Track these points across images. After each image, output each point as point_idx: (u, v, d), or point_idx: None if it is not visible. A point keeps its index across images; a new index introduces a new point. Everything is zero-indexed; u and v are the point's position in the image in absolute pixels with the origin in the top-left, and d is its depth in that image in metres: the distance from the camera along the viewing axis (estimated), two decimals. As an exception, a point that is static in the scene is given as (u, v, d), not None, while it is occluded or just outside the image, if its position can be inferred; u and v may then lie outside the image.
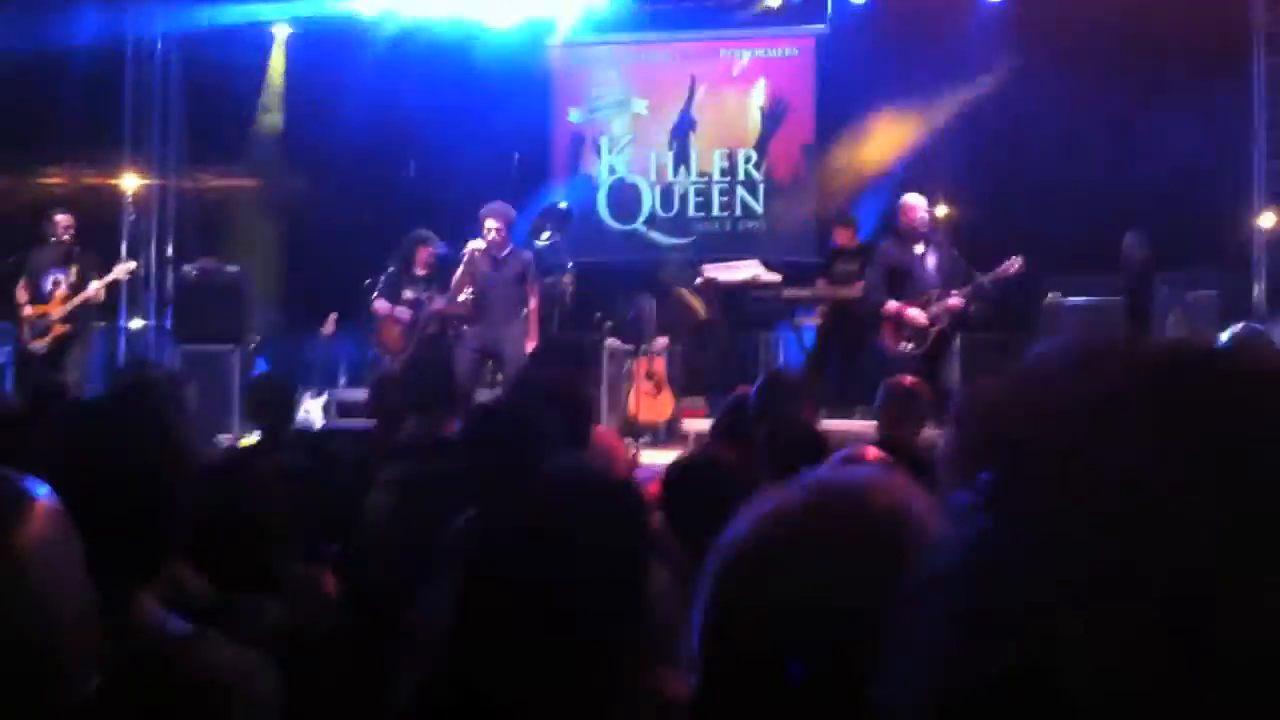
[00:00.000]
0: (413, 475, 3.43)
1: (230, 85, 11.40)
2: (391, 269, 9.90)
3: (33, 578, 1.33)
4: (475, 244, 8.63)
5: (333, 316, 10.62)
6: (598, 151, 12.65)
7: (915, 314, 8.68)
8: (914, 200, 8.80)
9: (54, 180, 10.57)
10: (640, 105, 12.59)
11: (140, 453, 1.92)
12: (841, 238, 10.57)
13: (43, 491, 1.41)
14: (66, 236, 9.25)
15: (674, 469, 3.39)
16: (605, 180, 12.63)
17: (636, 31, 12.35)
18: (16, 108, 9.99)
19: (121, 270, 9.68)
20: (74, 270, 9.19)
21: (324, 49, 11.85)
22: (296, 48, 11.96)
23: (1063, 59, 10.07)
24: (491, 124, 11.37)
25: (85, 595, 1.42)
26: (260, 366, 10.07)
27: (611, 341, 10.03)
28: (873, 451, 3.32)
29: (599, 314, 10.64)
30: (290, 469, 3.27)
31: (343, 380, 10.68)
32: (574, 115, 12.71)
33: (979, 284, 8.60)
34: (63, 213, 9.30)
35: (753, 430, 4.27)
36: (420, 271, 9.75)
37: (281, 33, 11.86)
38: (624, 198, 12.59)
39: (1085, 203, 10.28)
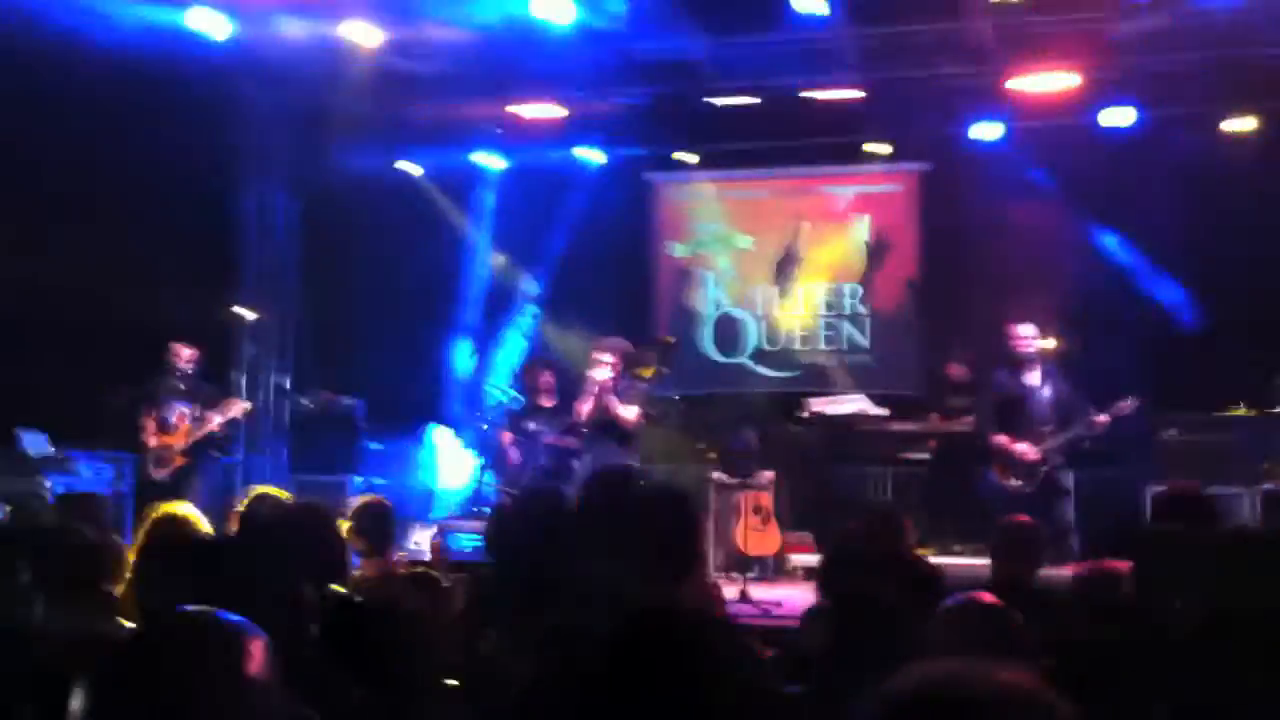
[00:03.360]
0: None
1: (347, 219, 11.68)
2: (512, 402, 10.09)
3: (258, 703, 1.61)
4: (599, 374, 8.66)
5: None
6: (702, 285, 12.79)
7: (1024, 449, 8.51)
8: (1022, 330, 8.70)
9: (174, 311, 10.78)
10: (744, 240, 12.71)
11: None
12: (954, 371, 10.53)
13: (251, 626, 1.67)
14: (189, 368, 9.48)
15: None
16: (710, 314, 12.75)
17: (737, 168, 12.55)
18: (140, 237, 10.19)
19: (238, 409, 9.78)
20: (197, 403, 9.41)
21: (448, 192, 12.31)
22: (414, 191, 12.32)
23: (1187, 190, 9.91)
24: (594, 256, 11.61)
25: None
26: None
27: (717, 474, 10.02)
28: (986, 596, 3.28)
29: (703, 446, 10.69)
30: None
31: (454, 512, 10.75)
32: (677, 249, 12.88)
33: (1090, 421, 8.42)
34: (185, 344, 9.53)
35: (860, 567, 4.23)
36: (544, 403, 9.87)
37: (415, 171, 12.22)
38: (729, 331, 12.68)
39: (1201, 338, 10.10)
